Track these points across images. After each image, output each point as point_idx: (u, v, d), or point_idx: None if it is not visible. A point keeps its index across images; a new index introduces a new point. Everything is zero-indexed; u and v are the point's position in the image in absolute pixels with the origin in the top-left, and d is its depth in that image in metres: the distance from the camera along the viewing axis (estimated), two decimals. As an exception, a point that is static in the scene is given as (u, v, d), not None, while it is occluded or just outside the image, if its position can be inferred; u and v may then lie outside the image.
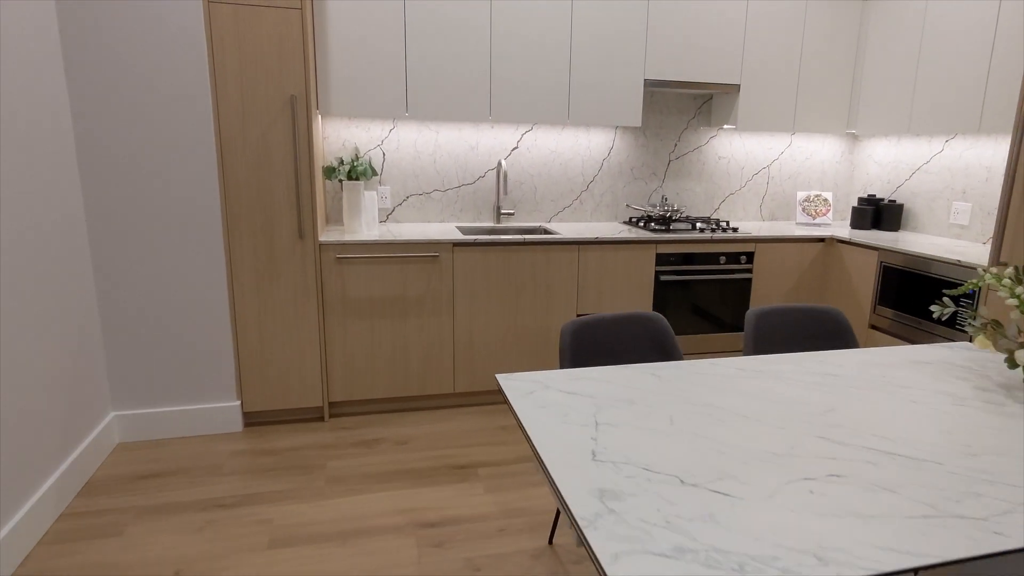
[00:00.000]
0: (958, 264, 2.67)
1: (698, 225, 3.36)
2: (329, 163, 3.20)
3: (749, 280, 3.32)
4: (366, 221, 3.03)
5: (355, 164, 3.01)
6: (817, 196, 3.76)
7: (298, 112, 2.56)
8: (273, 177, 2.60)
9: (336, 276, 2.78)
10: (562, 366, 1.76)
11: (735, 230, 3.31)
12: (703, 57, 3.26)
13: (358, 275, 2.80)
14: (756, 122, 3.42)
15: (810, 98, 3.48)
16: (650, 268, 3.15)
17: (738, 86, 3.34)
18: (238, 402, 2.75)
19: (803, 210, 3.74)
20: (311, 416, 2.92)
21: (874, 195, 3.68)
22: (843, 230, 3.59)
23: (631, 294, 3.16)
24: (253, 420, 2.86)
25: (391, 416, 2.97)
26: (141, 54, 2.35)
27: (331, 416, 2.95)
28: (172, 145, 2.46)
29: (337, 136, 3.20)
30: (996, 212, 3.08)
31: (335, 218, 3.28)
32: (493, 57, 3.00)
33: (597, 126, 3.50)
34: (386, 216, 3.34)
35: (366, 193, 3.03)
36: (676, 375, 1.53)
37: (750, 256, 3.30)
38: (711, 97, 3.62)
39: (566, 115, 3.16)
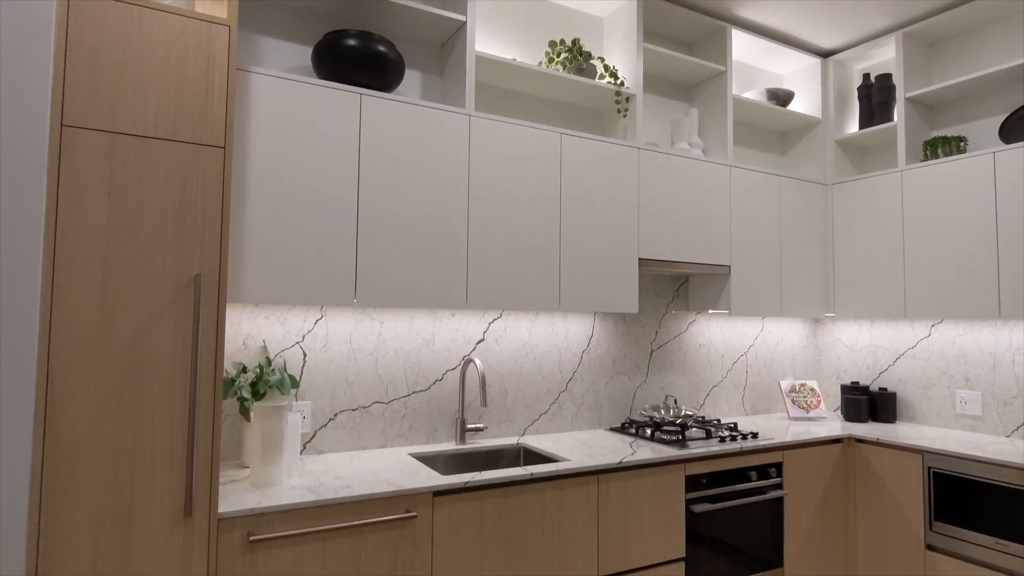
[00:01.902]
0: (1050, 473, 2.24)
1: (712, 432, 2.70)
2: (224, 372, 2.13)
3: (781, 499, 2.65)
4: (288, 462, 1.95)
5: (264, 374, 1.99)
6: (803, 386, 3.35)
7: (205, 300, 1.57)
8: (146, 412, 1.51)
9: (244, 571, 1.62)
10: None
11: (755, 436, 2.69)
12: (694, 236, 2.83)
13: (280, 565, 1.67)
14: (748, 306, 2.99)
15: (793, 281, 3.18)
16: (679, 497, 2.37)
17: (728, 267, 2.94)
18: None
19: (793, 402, 3.29)
20: None
21: (857, 382, 3.36)
22: (836, 422, 3.15)
23: (661, 536, 2.31)
24: None
25: None
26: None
27: None
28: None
29: (237, 331, 2.17)
30: (1017, 400, 2.81)
31: (228, 454, 2.13)
32: (471, 234, 2.29)
33: (590, 312, 2.85)
34: (303, 445, 2.26)
35: (289, 417, 1.98)
36: None
37: (779, 468, 2.67)
38: (687, 279, 3.19)
39: (557, 301, 2.46)
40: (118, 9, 1.47)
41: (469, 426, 2.52)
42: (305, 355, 2.28)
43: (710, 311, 3.04)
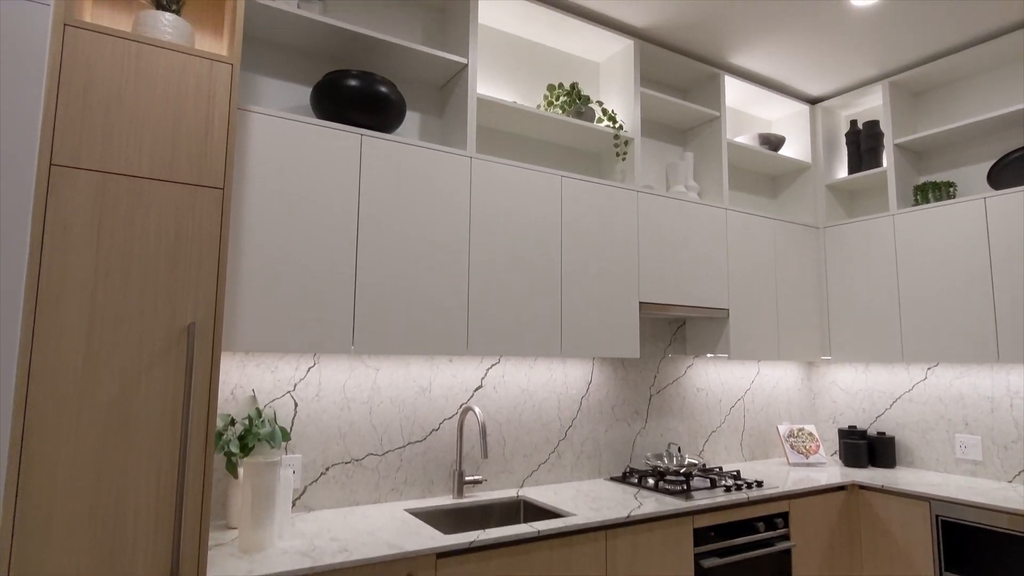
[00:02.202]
0: (1063, 522, 2.20)
1: (716, 481, 2.62)
2: (210, 424, 2.00)
3: (789, 551, 2.56)
4: (279, 522, 1.81)
5: (253, 426, 1.88)
6: (801, 430, 3.30)
7: (199, 350, 1.47)
8: (131, 470, 1.38)
9: (233, 648, 1.48)
10: None
11: (759, 484, 2.61)
12: (693, 279, 2.81)
13: (275, 638, 1.52)
14: (747, 350, 2.95)
15: (789, 324, 3.16)
16: (688, 551, 2.27)
17: (727, 310, 2.91)
18: None
19: (792, 447, 3.23)
20: None
21: (855, 426, 3.32)
22: (836, 468, 3.10)
23: (671, 595, 2.20)
24: None
25: None
26: None
27: None
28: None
29: (225, 380, 2.05)
30: (1017, 444, 2.79)
31: (213, 514, 1.98)
32: (472, 277, 2.22)
33: (591, 357, 2.78)
34: (293, 503, 2.12)
35: (280, 473, 1.85)
36: None
37: (785, 518, 2.59)
38: (684, 322, 3.15)
39: (559, 346, 2.39)
40: (115, 45, 1.41)
41: (467, 478, 2.40)
42: (296, 405, 2.16)
43: (708, 355, 3.00)
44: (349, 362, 2.27)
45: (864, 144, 3.24)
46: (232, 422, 1.90)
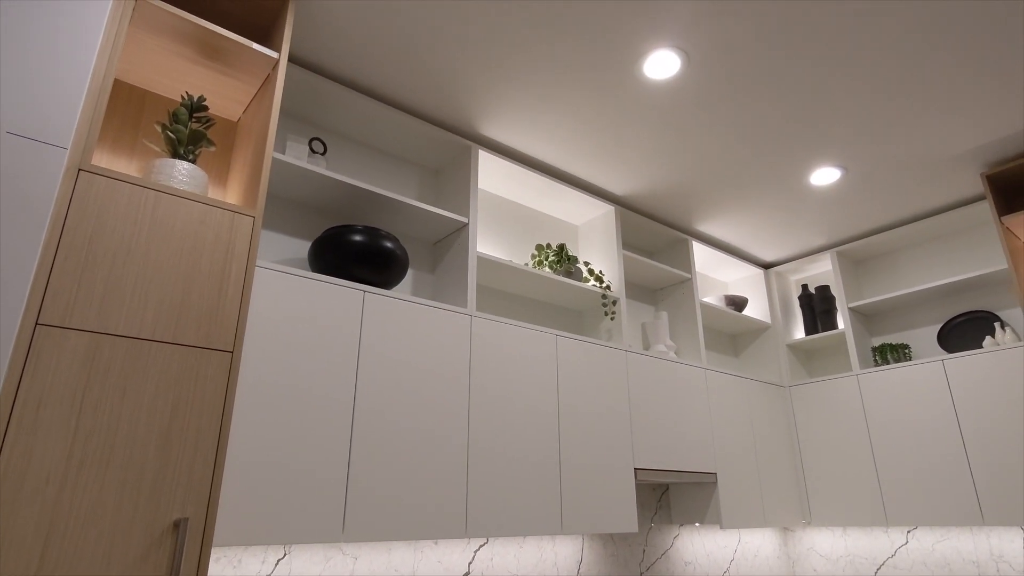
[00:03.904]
0: None
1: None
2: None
3: None
4: None
5: (211, 639, 1.50)
6: (791, 604, 3.09)
7: (187, 553, 1.17)
8: None
9: None
10: None
11: (775, 676, 2.36)
12: (682, 442, 2.71)
13: None
14: (737, 518, 2.81)
15: (771, 488, 3.08)
16: None
17: (715, 474, 2.80)
18: None
19: (786, 626, 3.00)
20: None
21: (842, 597, 3.16)
22: (833, 648, 2.88)
23: None
24: None
25: None
26: None
27: None
28: None
29: (176, 581, 1.66)
30: (1012, 616, 2.71)
31: None
32: (471, 448, 2.02)
33: (590, 533, 2.53)
34: None
35: None
36: None
37: None
38: (667, 488, 3.00)
39: (559, 523, 2.17)
40: (132, 193, 1.25)
41: None
42: (260, 609, 1.77)
43: (697, 524, 2.83)
44: (325, 551, 1.93)
45: (819, 307, 3.43)
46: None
